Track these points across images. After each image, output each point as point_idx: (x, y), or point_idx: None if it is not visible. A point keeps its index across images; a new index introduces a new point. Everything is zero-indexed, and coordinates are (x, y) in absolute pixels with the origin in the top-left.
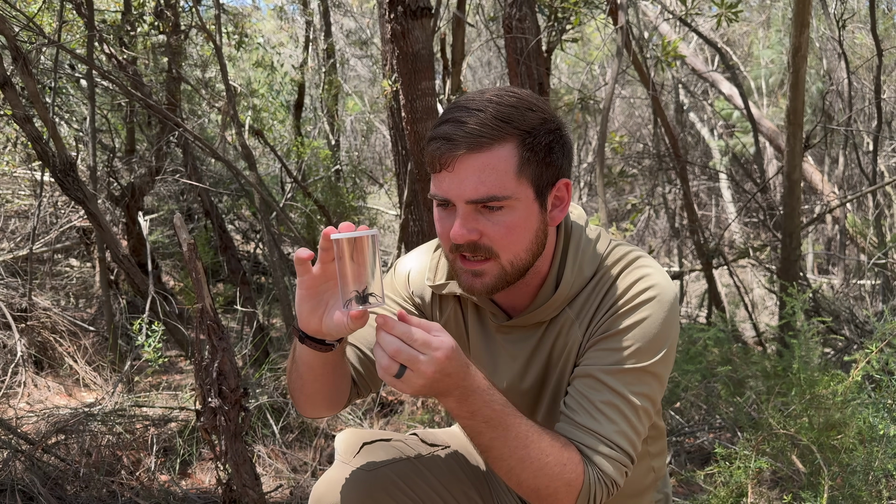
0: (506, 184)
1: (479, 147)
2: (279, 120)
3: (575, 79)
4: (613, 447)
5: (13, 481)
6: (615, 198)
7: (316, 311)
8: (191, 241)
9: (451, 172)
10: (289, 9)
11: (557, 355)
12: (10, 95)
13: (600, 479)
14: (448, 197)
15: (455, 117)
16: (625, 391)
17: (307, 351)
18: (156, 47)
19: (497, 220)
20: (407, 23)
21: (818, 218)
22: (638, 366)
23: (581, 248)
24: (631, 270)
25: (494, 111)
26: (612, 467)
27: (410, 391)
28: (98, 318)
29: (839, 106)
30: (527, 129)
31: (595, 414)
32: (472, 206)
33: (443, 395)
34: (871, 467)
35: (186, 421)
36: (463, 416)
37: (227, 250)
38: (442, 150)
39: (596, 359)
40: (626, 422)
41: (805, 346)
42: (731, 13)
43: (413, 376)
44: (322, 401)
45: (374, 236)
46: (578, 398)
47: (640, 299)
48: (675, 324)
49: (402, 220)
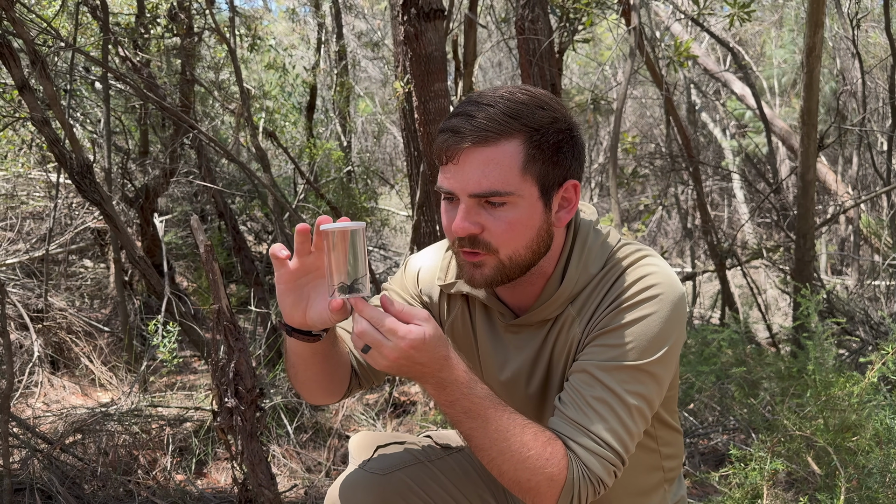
0: (509, 179)
1: (484, 141)
2: (291, 122)
3: (586, 79)
4: (602, 444)
5: (32, 480)
6: (627, 198)
7: (298, 304)
8: (208, 243)
9: (457, 165)
10: (300, 11)
11: (559, 353)
12: (28, 98)
13: (585, 476)
14: (451, 189)
15: (465, 111)
16: (619, 389)
17: (295, 343)
18: (169, 50)
19: (499, 216)
20: (420, 25)
21: (832, 219)
22: (635, 363)
23: (588, 245)
24: (636, 268)
25: (504, 107)
26: (598, 465)
27: (377, 367)
28: (113, 318)
29: (853, 106)
30: (535, 126)
31: (586, 409)
32: (475, 199)
33: (418, 379)
34: (887, 469)
35: (202, 421)
36: (442, 405)
37: (241, 251)
38: (449, 142)
39: (593, 354)
40: (618, 420)
41: (820, 348)
42: (743, 13)
43: (377, 356)
44: (317, 389)
45: (361, 229)
46: (571, 393)
47: (642, 296)
48: (678, 324)
49: (414, 221)
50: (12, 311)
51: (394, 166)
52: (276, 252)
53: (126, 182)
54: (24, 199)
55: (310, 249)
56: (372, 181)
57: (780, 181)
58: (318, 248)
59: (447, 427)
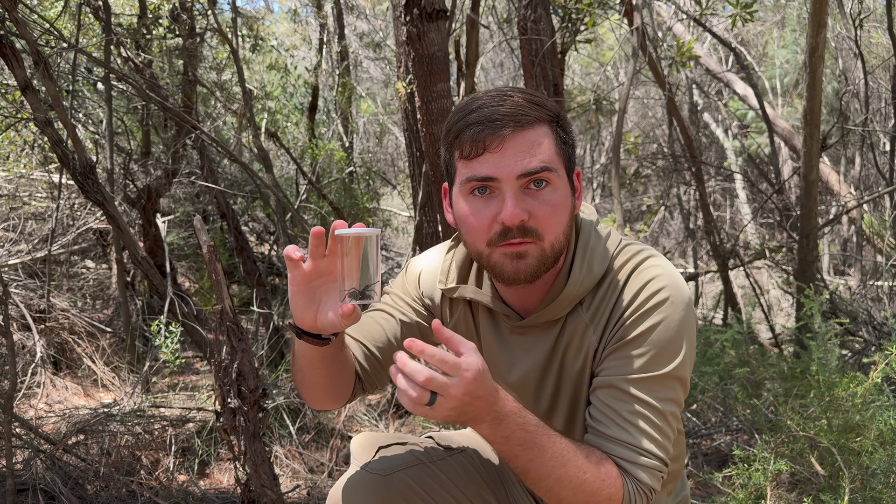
0: (552, 157)
1: (523, 125)
2: (293, 122)
3: (588, 80)
4: (648, 456)
5: (35, 481)
6: (629, 199)
7: (309, 307)
8: (210, 244)
9: (498, 152)
10: (302, 11)
11: (572, 359)
12: (31, 99)
13: (639, 490)
14: (496, 175)
15: (485, 104)
16: (650, 399)
17: (304, 345)
18: (171, 50)
19: (543, 199)
20: (422, 25)
21: (835, 219)
22: (660, 372)
23: (591, 245)
24: (641, 271)
25: (522, 97)
26: (647, 476)
27: (441, 418)
28: (115, 319)
29: (856, 106)
30: (555, 113)
31: (624, 425)
32: (521, 183)
33: (475, 421)
34: (891, 470)
35: (204, 421)
36: (498, 442)
37: (243, 252)
38: (485, 132)
39: (617, 368)
40: (656, 429)
41: (823, 348)
42: (746, 13)
43: (442, 402)
44: (323, 393)
45: (376, 235)
46: (605, 410)
47: (652, 303)
48: (691, 323)
49: (416, 221)
50: (15, 311)
51: (396, 167)
52: (289, 253)
53: (128, 182)
54: (26, 200)
55: (324, 253)
56: (374, 182)
57: (783, 181)
58: (331, 252)
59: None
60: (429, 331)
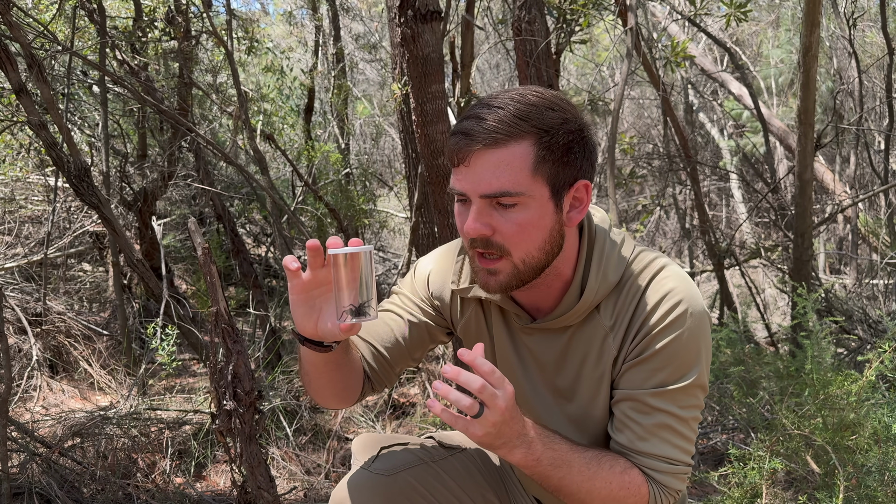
0: (520, 180)
1: (494, 143)
2: (289, 124)
3: (583, 80)
4: (673, 462)
5: (31, 484)
6: (625, 199)
7: (309, 315)
8: (205, 245)
9: (468, 167)
10: (298, 13)
11: (592, 365)
12: (25, 102)
13: (664, 493)
14: (463, 191)
15: (476, 113)
16: (674, 409)
17: (308, 351)
18: (167, 53)
19: (510, 217)
20: (417, 26)
21: (830, 218)
22: (681, 385)
23: (605, 253)
24: (658, 282)
25: (514, 109)
26: (673, 480)
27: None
28: (112, 321)
29: (850, 105)
30: (545, 127)
31: (650, 437)
32: (486, 200)
33: (507, 445)
34: (886, 467)
35: (200, 424)
36: (530, 465)
37: (239, 254)
38: (460, 144)
39: (639, 382)
40: (679, 436)
41: (818, 347)
42: (740, 13)
43: (488, 414)
44: (330, 395)
45: (370, 252)
46: (629, 423)
47: (671, 318)
48: (707, 330)
49: (412, 222)
50: (11, 314)
51: (392, 168)
52: (287, 264)
53: (124, 185)
54: (22, 203)
55: (322, 263)
56: (370, 183)
57: (778, 181)
58: (329, 265)
59: (447, 428)
60: (436, 331)
